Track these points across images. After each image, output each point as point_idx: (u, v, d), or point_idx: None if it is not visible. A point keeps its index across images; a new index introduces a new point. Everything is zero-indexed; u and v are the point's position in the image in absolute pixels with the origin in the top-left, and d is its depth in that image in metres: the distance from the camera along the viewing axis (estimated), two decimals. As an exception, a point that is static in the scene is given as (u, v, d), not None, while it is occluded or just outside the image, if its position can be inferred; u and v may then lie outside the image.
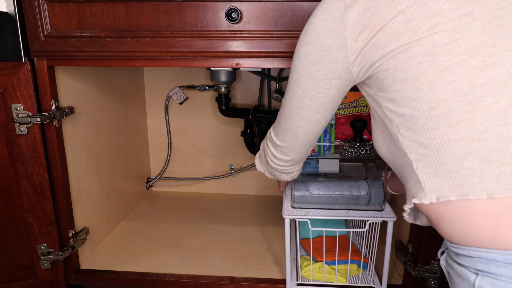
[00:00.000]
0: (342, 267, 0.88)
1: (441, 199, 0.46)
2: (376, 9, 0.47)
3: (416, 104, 0.46)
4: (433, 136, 0.46)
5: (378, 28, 0.47)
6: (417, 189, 0.49)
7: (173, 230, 1.14)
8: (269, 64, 0.77)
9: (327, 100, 0.58)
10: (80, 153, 0.94)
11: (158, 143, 1.41)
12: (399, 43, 0.46)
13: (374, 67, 0.49)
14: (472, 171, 0.43)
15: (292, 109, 0.61)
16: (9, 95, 0.77)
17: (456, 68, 0.43)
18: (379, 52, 0.48)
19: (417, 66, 0.45)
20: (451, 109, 0.44)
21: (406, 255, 0.84)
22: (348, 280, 0.86)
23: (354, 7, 0.48)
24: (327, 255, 0.88)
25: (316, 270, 0.87)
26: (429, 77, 0.45)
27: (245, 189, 1.43)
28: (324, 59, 0.53)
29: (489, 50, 0.43)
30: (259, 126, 1.24)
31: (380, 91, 0.51)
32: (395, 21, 0.45)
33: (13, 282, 0.87)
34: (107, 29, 0.76)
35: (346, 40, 0.50)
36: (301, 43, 0.55)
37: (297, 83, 0.58)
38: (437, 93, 0.44)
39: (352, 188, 0.83)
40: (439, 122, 0.45)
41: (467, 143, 0.43)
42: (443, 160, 0.45)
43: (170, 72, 1.32)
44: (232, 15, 0.73)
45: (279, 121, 0.67)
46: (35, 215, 0.84)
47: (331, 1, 0.51)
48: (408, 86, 0.46)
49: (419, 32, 0.45)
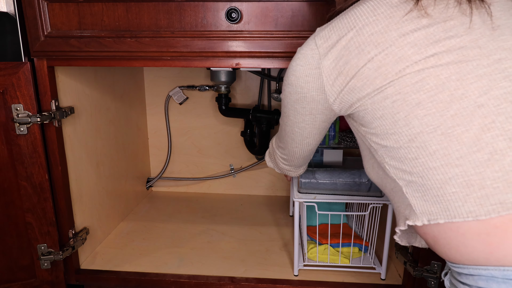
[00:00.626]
0: (345, 249, 0.95)
1: (432, 222, 0.48)
2: (348, 57, 0.51)
3: (396, 137, 0.50)
4: (415, 164, 0.49)
5: (351, 75, 0.51)
6: (410, 211, 0.51)
7: (173, 230, 1.14)
8: (269, 64, 0.77)
9: (314, 129, 0.64)
10: (80, 153, 0.94)
11: (158, 143, 1.41)
12: (372, 87, 0.50)
13: (354, 107, 0.53)
14: (456, 195, 0.46)
15: (287, 133, 0.69)
16: (9, 95, 0.77)
17: (427, 103, 0.47)
18: (355, 95, 0.52)
19: (391, 104, 0.49)
20: (427, 140, 0.47)
21: (406, 255, 0.84)
22: (351, 261, 0.93)
23: (328, 56, 0.52)
24: (332, 239, 0.95)
25: (321, 252, 0.94)
26: (403, 113, 0.48)
27: (245, 189, 1.43)
28: (306, 99, 0.58)
29: (455, 85, 0.46)
30: (259, 126, 1.24)
31: (363, 126, 0.55)
32: (366, 68, 0.49)
33: (13, 282, 0.87)
34: (107, 29, 0.76)
35: (323, 85, 0.54)
36: (285, 82, 0.60)
37: (286, 114, 0.64)
38: (412, 127, 0.48)
39: (354, 175, 0.88)
40: (419, 152, 0.48)
41: (447, 170, 0.46)
42: (428, 186, 0.48)
43: (170, 72, 1.32)
44: (232, 15, 0.73)
45: (279, 136, 0.75)
46: (35, 215, 0.84)
47: (306, 48, 0.55)
48: (386, 122, 0.50)
49: (389, 76, 0.48)
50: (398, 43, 0.48)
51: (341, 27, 0.52)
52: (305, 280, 0.89)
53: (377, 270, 0.91)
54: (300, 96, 0.58)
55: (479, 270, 0.45)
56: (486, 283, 0.45)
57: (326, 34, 0.53)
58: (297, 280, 0.89)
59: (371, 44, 0.49)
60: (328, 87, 0.54)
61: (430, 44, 0.47)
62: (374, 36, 0.49)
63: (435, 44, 0.47)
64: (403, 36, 0.48)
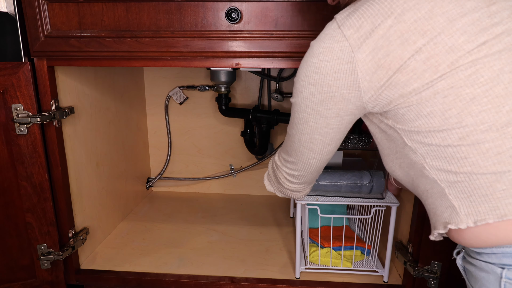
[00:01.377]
0: (347, 253, 0.94)
1: (479, 223, 0.46)
2: (388, 48, 0.45)
3: (444, 135, 0.46)
4: (464, 164, 0.46)
5: (395, 68, 0.46)
6: (451, 214, 0.48)
7: (173, 230, 1.14)
8: (269, 64, 0.77)
9: (339, 133, 0.57)
10: (80, 153, 0.94)
11: (158, 143, 1.41)
12: (420, 81, 0.45)
13: (393, 104, 0.48)
14: (507, 192, 0.44)
15: (302, 143, 0.60)
16: (9, 95, 0.77)
17: (482, 98, 0.43)
18: (398, 91, 0.47)
19: (442, 100, 0.45)
20: (481, 139, 0.44)
21: (406, 255, 0.84)
22: (353, 264, 0.92)
23: (363, 47, 0.47)
24: (334, 242, 0.93)
25: (323, 255, 0.93)
26: (456, 110, 0.44)
27: (245, 189, 1.43)
28: (333, 99, 0.51)
29: (508, 77, 0.43)
30: (259, 126, 1.24)
31: (399, 124, 0.50)
32: (414, 59, 0.45)
33: (13, 282, 0.87)
34: (107, 29, 0.76)
35: (358, 82, 0.48)
36: (303, 83, 0.53)
37: (304, 120, 0.56)
38: (465, 125, 0.44)
39: (356, 177, 0.87)
40: (470, 151, 0.45)
41: (499, 168, 0.44)
42: (475, 185, 0.45)
43: (170, 72, 1.32)
44: (232, 15, 0.73)
45: (288, 152, 0.66)
46: (35, 215, 0.84)
47: (330, 40, 0.49)
48: (434, 120, 0.46)
49: (440, 69, 0.44)
50: (447, 30, 0.44)
51: (374, 14, 0.46)
52: (305, 280, 0.89)
53: (379, 273, 0.90)
54: (327, 96, 0.52)
55: (504, 248, 0.45)
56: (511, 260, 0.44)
57: (356, 23, 0.47)
58: (298, 280, 0.89)
59: (416, 33, 0.44)
60: (365, 83, 0.48)
61: (479, 31, 0.43)
62: (419, 23, 0.44)
63: (484, 32, 0.43)
64: (452, 22, 0.44)
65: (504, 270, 0.45)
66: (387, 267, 0.88)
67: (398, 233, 0.94)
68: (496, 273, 0.45)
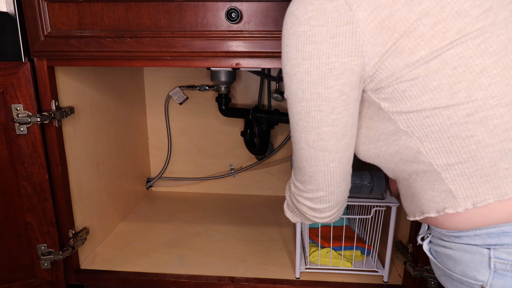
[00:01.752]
0: (347, 253, 0.94)
1: (479, 204, 0.44)
2: (393, 8, 0.41)
3: (449, 113, 0.42)
4: (469, 143, 0.43)
5: (401, 31, 0.41)
6: (445, 198, 0.46)
7: (173, 230, 1.14)
8: (269, 64, 0.77)
9: (350, 118, 0.48)
10: (80, 153, 0.94)
11: (158, 143, 1.41)
12: (428, 49, 0.41)
13: (394, 77, 0.43)
14: (509, 170, 0.42)
15: (310, 145, 0.49)
16: (9, 95, 0.77)
17: (492, 69, 0.40)
18: (403, 59, 0.42)
19: (451, 72, 0.41)
20: (489, 115, 0.41)
21: (406, 255, 0.84)
22: (353, 264, 0.92)
23: (362, 4, 0.41)
24: (334, 242, 0.93)
25: (323, 255, 0.92)
26: (466, 83, 0.41)
27: (245, 189, 1.43)
28: (333, 72, 0.44)
29: None
30: (259, 126, 1.24)
31: (394, 105, 0.45)
32: (421, 23, 0.40)
33: (13, 282, 0.87)
34: (107, 29, 0.76)
35: (360, 46, 0.42)
36: (294, 61, 0.45)
37: (304, 112, 0.47)
38: (475, 99, 0.41)
39: (356, 177, 0.86)
40: (476, 128, 0.42)
41: (505, 145, 0.42)
42: (478, 166, 0.43)
43: (170, 72, 1.32)
44: (232, 15, 0.73)
45: (300, 168, 0.54)
46: (35, 215, 0.84)
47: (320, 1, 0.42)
48: (440, 96, 0.42)
49: (448, 36, 0.40)
50: None
51: None
52: (305, 280, 0.89)
53: (379, 273, 0.90)
54: (325, 70, 0.43)
55: (488, 229, 0.44)
56: (497, 239, 0.43)
57: None
58: (298, 280, 0.89)
59: None
60: (369, 47, 0.42)
61: None
62: None
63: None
64: None
65: (490, 250, 0.44)
66: (387, 267, 0.88)
67: (398, 233, 0.94)
68: (482, 254, 0.44)
